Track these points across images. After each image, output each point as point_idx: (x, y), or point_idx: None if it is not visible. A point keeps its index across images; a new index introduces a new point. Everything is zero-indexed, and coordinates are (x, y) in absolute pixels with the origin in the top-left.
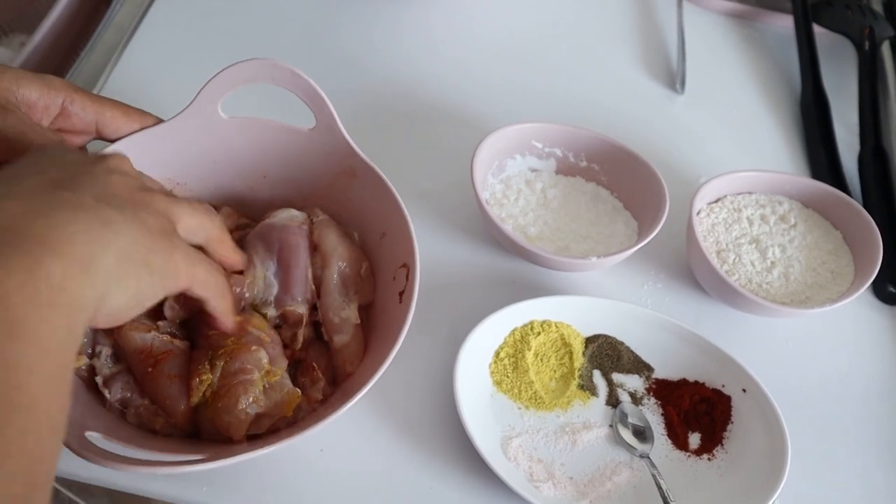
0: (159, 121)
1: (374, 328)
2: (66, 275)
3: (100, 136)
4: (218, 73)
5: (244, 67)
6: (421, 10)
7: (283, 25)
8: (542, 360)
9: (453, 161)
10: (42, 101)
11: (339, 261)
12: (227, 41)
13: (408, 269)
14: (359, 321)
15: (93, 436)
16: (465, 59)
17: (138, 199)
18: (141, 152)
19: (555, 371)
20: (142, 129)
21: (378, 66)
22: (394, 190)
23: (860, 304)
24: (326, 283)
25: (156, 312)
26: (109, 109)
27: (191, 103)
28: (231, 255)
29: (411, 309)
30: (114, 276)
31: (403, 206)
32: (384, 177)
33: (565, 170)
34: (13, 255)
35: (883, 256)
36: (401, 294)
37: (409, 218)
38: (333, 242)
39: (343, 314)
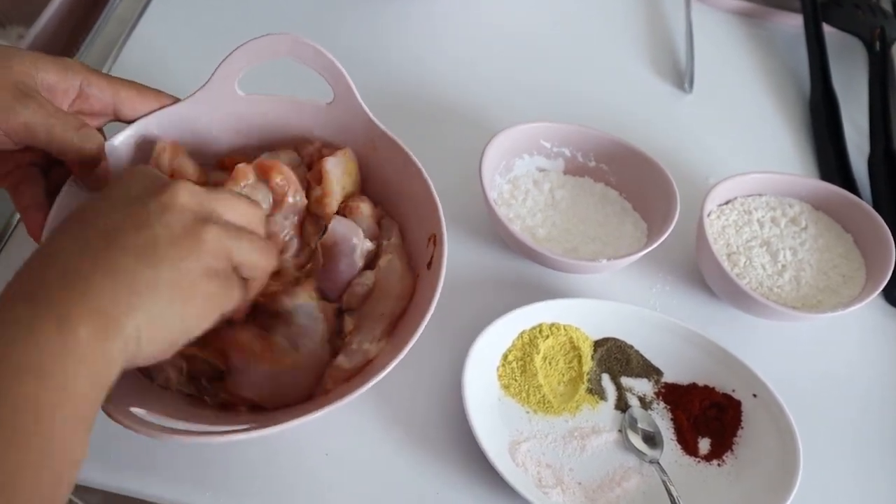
0: (176, 100)
1: (407, 301)
2: (91, 339)
3: (117, 118)
4: (235, 50)
5: (261, 43)
6: (427, 8)
7: (287, 22)
8: (550, 363)
9: (460, 161)
10: (60, 84)
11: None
12: (228, 37)
13: (435, 237)
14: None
15: (138, 411)
16: (472, 57)
17: (185, 242)
18: (158, 132)
19: (563, 375)
20: (160, 108)
21: (384, 65)
22: (416, 161)
23: (872, 309)
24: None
25: None
26: (126, 90)
27: (208, 81)
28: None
29: (441, 275)
30: (143, 334)
31: (427, 176)
32: (406, 148)
33: (574, 170)
34: (49, 314)
35: (895, 261)
36: (429, 263)
37: (433, 188)
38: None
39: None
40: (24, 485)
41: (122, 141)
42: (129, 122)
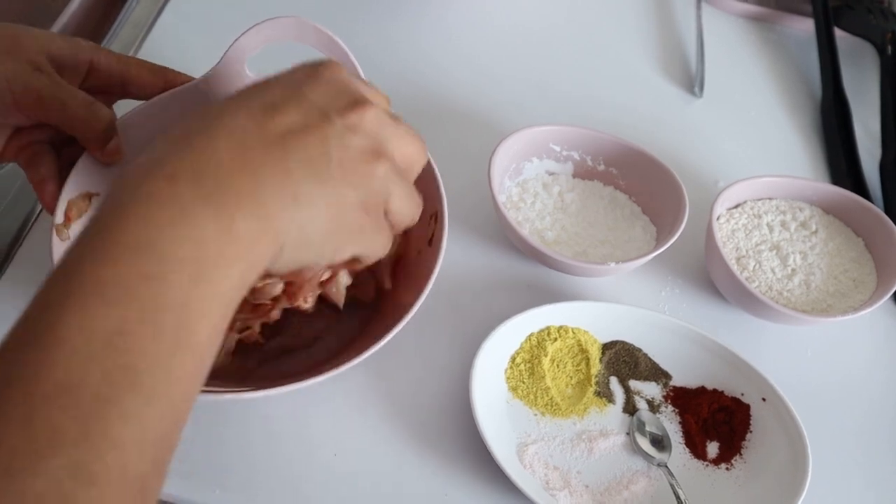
0: (189, 78)
1: (407, 277)
2: (252, 237)
3: (126, 95)
4: (245, 31)
5: (270, 25)
6: (440, 10)
7: None
8: (558, 366)
9: (469, 163)
10: (70, 61)
11: None
12: None
13: (437, 215)
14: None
15: None
16: (483, 59)
17: (354, 169)
18: (170, 112)
19: (571, 377)
20: (173, 87)
21: (395, 65)
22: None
23: (882, 313)
24: None
25: None
26: (135, 67)
27: (219, 61)
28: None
29: (442, 250)
30: (287, 245)
31: (428, 153)
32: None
33: (583, 173)
34: (210, 202)
35: None
36: (430, 240)
37: (434, 165)
38: None
39: None
40: (159, 396)
41: (132, 118)
42: (140, 98)
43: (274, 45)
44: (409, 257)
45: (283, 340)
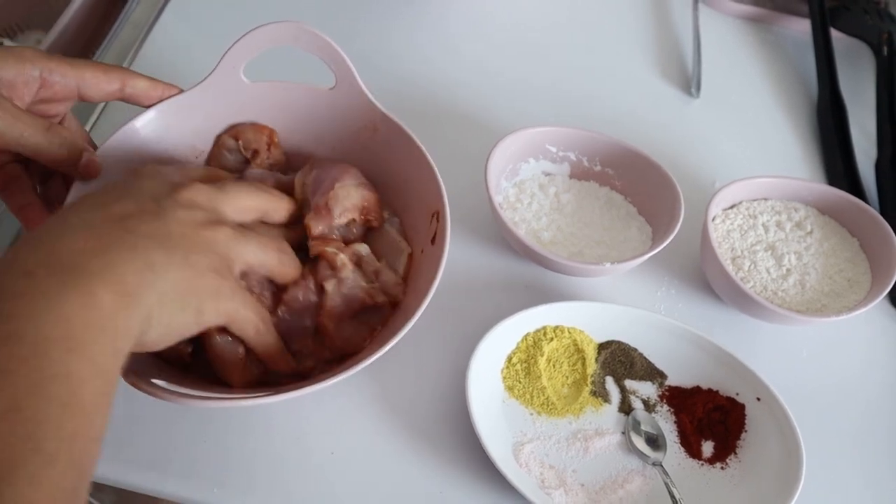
0: (149, 78)
1: (411, 277)
2: (114, 306)
3: (82, 99)
4: (240, 38)
5: (266, 31)
6: (438, 12)
7: None
8: (554, 365)
9: (466, 163)
10: (20, 77)
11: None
12: None
13: (438, 214)
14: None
15: (159, 382)
16: (480, 60)
17: (196, 238)
18: (166, 120)
19: (567, 377)
20: (169, 97)
21: (394, 67)
22: (416, 139)
23: (877, 313)
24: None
25: None
26: (90, 71)
27: (214, 69)
28: (290, 275)
29: (445, 248)
30: (153, 316)
31: (427, 153)
32: (405, 127)
33: (579, 174)
34: (74, 284)
35: None
36: (433, 238)
37: (434, 165)
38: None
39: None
40: (60, 457)
41: (121, 138)
42: (96, 101)
43: (271, 49)
44: (414, 258)
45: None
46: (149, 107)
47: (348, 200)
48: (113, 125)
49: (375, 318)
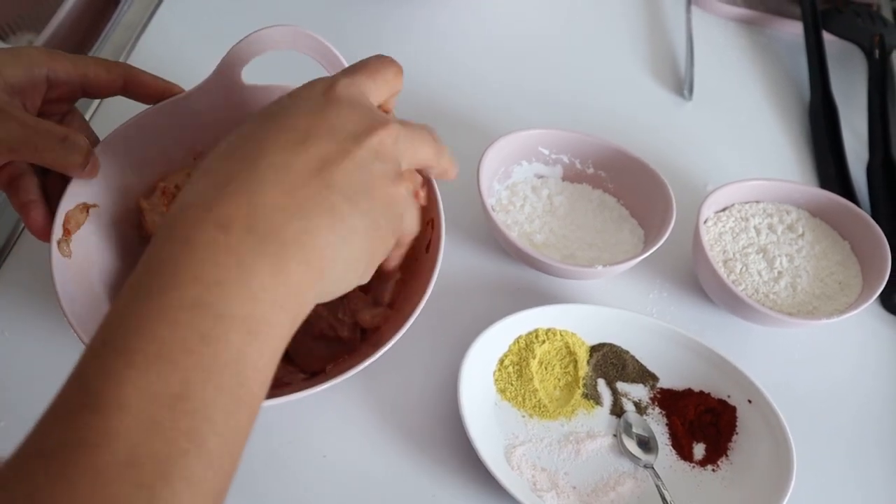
0: (151, 76)
1: (404, 285)
2: (302, 282)
3: (86, 95)
4: (241, 40)
5: (268, 33)
6: (428, 14)
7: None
8: (546, 368)
9: (459, 166)
10: (30, 82)
11: None
12: (234, 42)
13: (433, 221)
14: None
15: None
16: (472, 62)
17: (386, 197)
18: (166, 119)
19: (559, 380)
20: (169, 97)
21: None
22: None
23: (868, 316)
24: None
25: None
26: (92, 68)
27: (214, 71)
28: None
29: (439, 257)
30: (337, 279)
31: None
32: None
33: (572, 176)
34: (266, 254)
35: (891, 268)
36: (427, 246)
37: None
38: None
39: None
40: (218, 455)
41: (122, 134)
42: (99, 98)
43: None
44: (408, 265)
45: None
46: (151, 104)
47: None
48: (110, 117)
49: (341, 347)
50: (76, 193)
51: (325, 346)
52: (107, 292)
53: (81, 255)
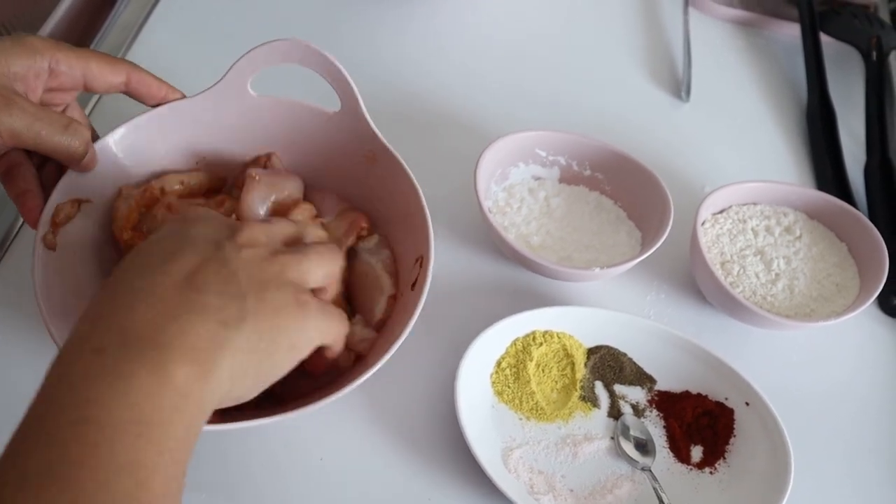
0: (155, 77)
1: (383, 323)
2: (188, 380)
3: (87, 89)
4: (249, 51)
5: (276, 46)
6: (426, 15)
7: (287, 28)
8: (543, 370)
9: (456, 168)
10: (32, 70)
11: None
12: (230, 43)
13: (422, 259)
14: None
15: None
16: (470, 64)
17: (264, 274)
18: (169, 123)
19: (556, 382)
20: (172, 101)
21: (381, 71)
22: (412, 176)
23: (865, 318)
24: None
25: None
26: (95, 63)
27: (221, 79)
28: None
29: (423, 297)
30: (236, 374)
31: (421, 193)
32: (403, 163)
33: (569, 178)
34: (143, 362)
35: (889, 270)
36: (413, 284)
37: (426, 206)
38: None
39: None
40: None
41: (122, 134)
42: (100, 92)
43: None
44: (390, 303)
45: None
46: (153, 106)
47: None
48: (109, 114)
49: (327, 375)
50: (70, 187)
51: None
52: (87, 289)
53: (67, 248)
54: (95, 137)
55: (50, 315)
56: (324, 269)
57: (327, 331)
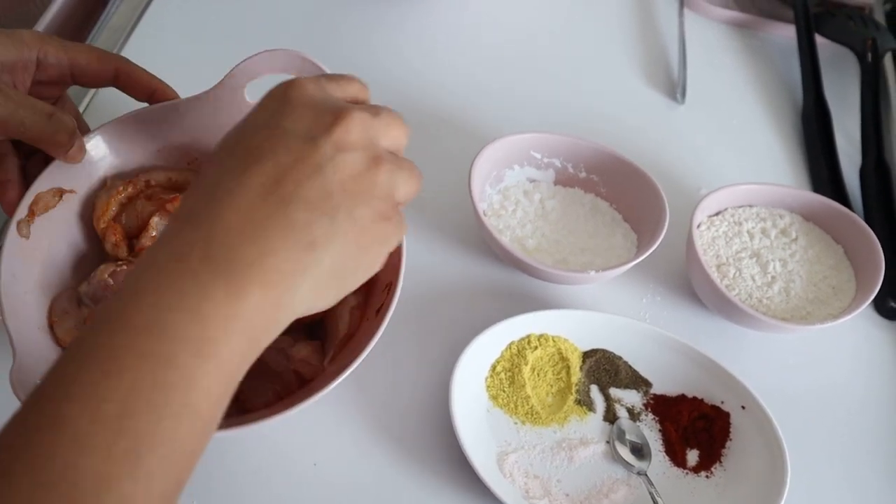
0: (146, 73)
1: (354, 335)
2: (262, 303)
3: (76, 82)
4: (247, 59)
5: (274, 55)
6: (421, 17)
7: (282, 30)
8: (538, 374)
9: (450, 170)
10: (20, 61)
11: None
12: (224, 45)
13: (391, 285)
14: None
15: None
16: (465, 66)
17: (359, 188)
18: (163, 121)
19: (552, 386)
20: (165, 98)
21: (376, 72)
22: None
23: (861, 320)
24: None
25: None
26: (83, 55)
27: (218, 84)
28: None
29: (383, 325)
30: (310, 299)
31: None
32: None
33: (564, 181)
34: (219, 277)
35: (885, 272)
36: (378, 310)
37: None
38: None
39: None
40: (158, 474)
41: (114, 129)
42: (90, 87)
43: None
44: (357, 322)
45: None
46: (145, 100)
47: None
48: (104, 110)
49: (278, 384)
50: (54, 177)
51: (266, 381)
52: (55, 281)
53: (41, 238)
54: (86, 130)
55: (7, 301)
56: (411, 187)
57: (399, 241)
